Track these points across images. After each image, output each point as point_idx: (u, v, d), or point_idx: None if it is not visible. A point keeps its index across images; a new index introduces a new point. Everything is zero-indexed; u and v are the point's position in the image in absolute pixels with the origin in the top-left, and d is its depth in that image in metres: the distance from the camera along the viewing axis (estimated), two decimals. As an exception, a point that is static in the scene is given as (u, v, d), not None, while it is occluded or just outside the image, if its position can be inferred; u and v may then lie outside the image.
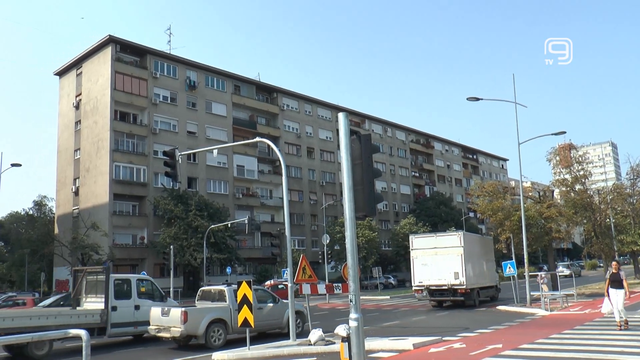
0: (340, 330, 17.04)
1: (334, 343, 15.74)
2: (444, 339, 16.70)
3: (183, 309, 17.47)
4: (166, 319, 17.56)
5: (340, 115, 8.97)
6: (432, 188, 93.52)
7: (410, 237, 30.72)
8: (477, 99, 27.62)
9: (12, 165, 37.97)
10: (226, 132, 63.52)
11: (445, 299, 29.11)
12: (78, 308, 19.82)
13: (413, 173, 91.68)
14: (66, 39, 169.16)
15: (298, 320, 19.39)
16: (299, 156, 71.88)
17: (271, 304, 19.37)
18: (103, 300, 18.85)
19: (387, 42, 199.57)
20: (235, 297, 17.45)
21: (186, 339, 17.83)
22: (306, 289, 18.50)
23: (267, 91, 72.28)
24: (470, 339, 16.57)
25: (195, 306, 18.77)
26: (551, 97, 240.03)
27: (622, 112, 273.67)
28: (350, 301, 8.54)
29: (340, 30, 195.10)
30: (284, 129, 70.89)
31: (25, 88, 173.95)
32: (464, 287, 27.60)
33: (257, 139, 20.71)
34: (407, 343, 15.57)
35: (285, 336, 17.97)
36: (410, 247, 29.64)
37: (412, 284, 29.81)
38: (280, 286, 40.41)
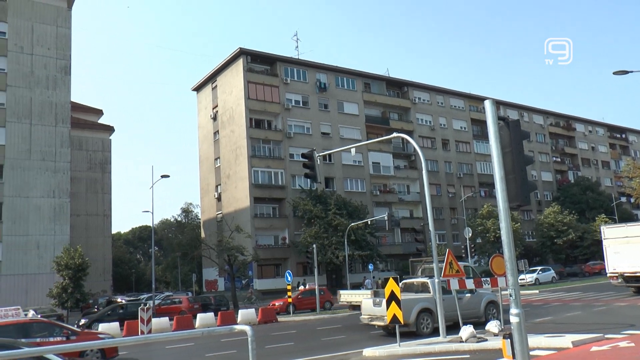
0: (492, 326, 16.40)
1: (486, 340, 15.17)
2: (606, 336, 15.40)
3: None
4: (379, 309, 18.71)
5: (487, 103, 8.56)
6: (576, 173, 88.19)
7: (601, 227, 32.20)
8: (626, 72, 25.53)
9: (162, 176, 40.26)
10: (359, 131, 63.85)
11: None
12: None
13: (554, 158, 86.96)
14: (201, 56, 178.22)
15: (494, 310, 20.26)
16: (434, 149, 70.65)
17: (468, 294, 19.63)
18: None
19: (514, 26, 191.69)
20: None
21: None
22: (454, 284, 17.96)
23: (398, 86, 71.80)
24: (639, 338, 15.21)
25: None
26: None
27: None
28: (510, 296, 8.12)
29: (465, 17, 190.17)
30: (417, 123, 70.04)
31: (169, 106, 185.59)
32: None
33: (394, 134, 20.38)
34: (565, 340, 14.61)
35: (481, 325, 17.73)
36: (602, 237, 31.01)
37: (607, 271, 31.17)
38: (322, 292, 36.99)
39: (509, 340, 8.02)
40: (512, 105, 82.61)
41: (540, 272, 52.16)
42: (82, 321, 30.49)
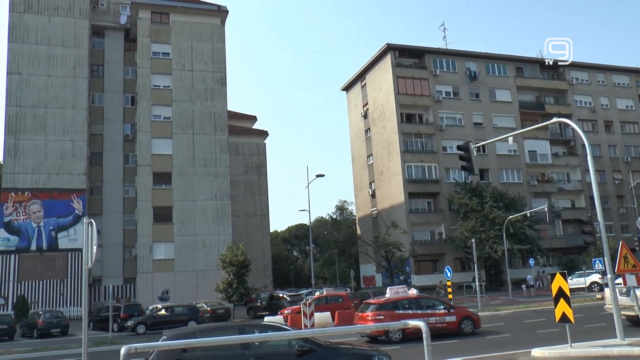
0: (682, 329, 14.83)
1: (674, 344, 13.74)
2: None
3: None
4: (625, 298, 18.27)
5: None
6: None
7: None
8: None
9: (317, 176, 41.37)
10: (513, 118, 61.25)
11: None
12: None
13: None
14: (349, 55, 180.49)
15: None
16: (596, 132, 65.75)
17: None
18: None
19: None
20: None
21: None
22: (630, 280, 16.46)
23: (552, 67, 67.71)
24: None
25: None
26: None
27: None
28: None
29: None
30: (575, 105, 65.72)
31: (319, 107, 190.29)
32: None
33: (554, 119, 19.10)
34: None
35: None
36: None
37: None
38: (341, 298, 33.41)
39: None
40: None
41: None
42: (129, 323, 32.42)
